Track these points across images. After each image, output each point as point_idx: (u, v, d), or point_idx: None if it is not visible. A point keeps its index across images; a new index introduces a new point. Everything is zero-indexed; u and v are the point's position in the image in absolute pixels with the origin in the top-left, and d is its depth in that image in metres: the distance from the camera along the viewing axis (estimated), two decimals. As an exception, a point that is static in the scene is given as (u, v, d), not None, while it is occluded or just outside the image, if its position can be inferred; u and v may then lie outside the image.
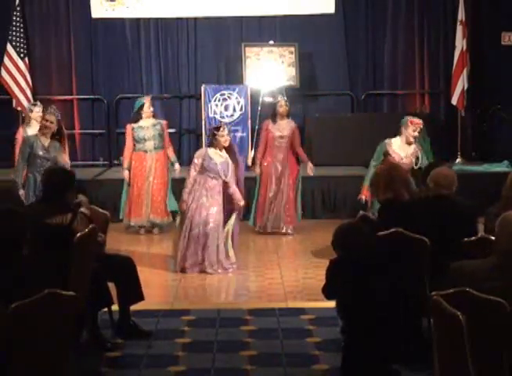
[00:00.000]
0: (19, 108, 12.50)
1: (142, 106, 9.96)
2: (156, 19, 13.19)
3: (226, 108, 11.85)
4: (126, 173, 10.02)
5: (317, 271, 7.53)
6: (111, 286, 5.93)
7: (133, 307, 6.05)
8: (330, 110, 13.16)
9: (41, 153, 8.45)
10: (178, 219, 8.28)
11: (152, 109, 10.03)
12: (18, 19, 12.50)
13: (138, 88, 13.20)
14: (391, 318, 4.91)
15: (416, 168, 8.27)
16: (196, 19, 13.18)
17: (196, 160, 8.07)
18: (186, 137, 13.26)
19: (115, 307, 5.99)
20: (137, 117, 9.98)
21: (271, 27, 13.22)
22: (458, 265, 4.19)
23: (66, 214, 5.32)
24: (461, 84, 12.37)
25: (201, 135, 12.22)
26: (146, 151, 9.91)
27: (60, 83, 13.17)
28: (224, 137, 8.08)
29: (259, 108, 12.15)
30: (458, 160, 12.49)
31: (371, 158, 8.65)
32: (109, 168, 12.66)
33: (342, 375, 4.99)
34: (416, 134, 8.52)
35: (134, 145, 9.93)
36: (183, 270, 8.03)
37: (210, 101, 11.89)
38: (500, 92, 12.85)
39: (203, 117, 12.11)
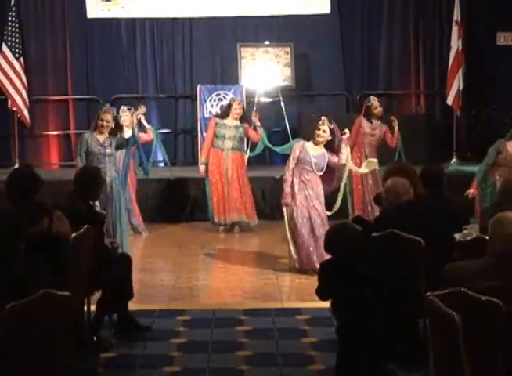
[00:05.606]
0: (14, 108, 12.47)
1: (230, 106, 10.10)
2: (152, 19, 13.17)
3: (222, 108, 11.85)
4: (203, 168, 10.04)
5: (312, 271, 7.52)
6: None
7: (129, 307, 6.05)
8: (326, 111, 13.09)
9: (96, 149, 8.26)
10: (285, 215, 7.98)
11: (240, 112, 10.06)
12: (13, 19, 12.44)
13: (134, 88, 13.19)
14: (386, 318, 4.91)
15: None
16: (191, 19, 13.17)
17: (295, 153, 7.87)
18: (182, 137, 13.23)
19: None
20: (223, 115, 10.10)
21: (266, 27, 13.20)
22: (453, 266, 4.20)
23: (42, 219, 5.09)
24: (456, 85, 12.36)
25: (196, 135, 12.23)
26: (222, 150, 9.94)
27: (56, 83, 13.13)
28: (320, 131, 7.84)
29: (254, 108, 12.15)
30: (453, 160, 12.49)
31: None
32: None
33: (337, 375, 5.00)
34: None
35: (213, 140, 9.97)
36: (305, 270, 7.84)
37: (205, 101, 11.88)
38: (495, 92, 12.86)
39: (198, 118, 12.09)
